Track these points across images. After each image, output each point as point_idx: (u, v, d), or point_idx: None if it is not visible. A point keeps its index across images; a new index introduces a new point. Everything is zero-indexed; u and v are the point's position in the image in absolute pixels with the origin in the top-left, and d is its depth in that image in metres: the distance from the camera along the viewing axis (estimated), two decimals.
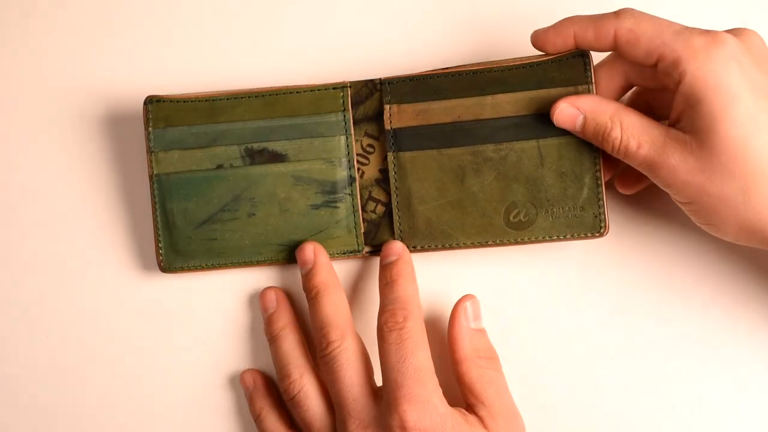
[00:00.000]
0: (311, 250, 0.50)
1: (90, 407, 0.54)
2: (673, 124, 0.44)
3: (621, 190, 0.50)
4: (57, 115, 0.54)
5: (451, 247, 0.50)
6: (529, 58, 0.48)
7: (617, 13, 0.45)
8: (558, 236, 0.48)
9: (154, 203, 0.51)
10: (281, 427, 0.51)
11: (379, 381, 0.48)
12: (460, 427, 0.46)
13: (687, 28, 0.43)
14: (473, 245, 0.49)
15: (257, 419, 0.52)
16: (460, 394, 0.48)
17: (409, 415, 0.44)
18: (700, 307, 0.50)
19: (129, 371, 0.53)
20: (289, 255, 0.51)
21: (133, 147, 0.54)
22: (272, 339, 0.51)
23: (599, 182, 0.48)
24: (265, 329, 0.52)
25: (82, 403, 0.54)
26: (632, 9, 0.45)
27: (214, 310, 0.53)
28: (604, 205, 0.48)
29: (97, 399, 0.54)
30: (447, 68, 0.49)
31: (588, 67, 0.47)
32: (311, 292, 0.49)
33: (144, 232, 0.54)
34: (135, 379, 0.53)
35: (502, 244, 0.49)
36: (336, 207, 0.50)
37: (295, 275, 0.53)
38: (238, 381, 0.53)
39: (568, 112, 0.46)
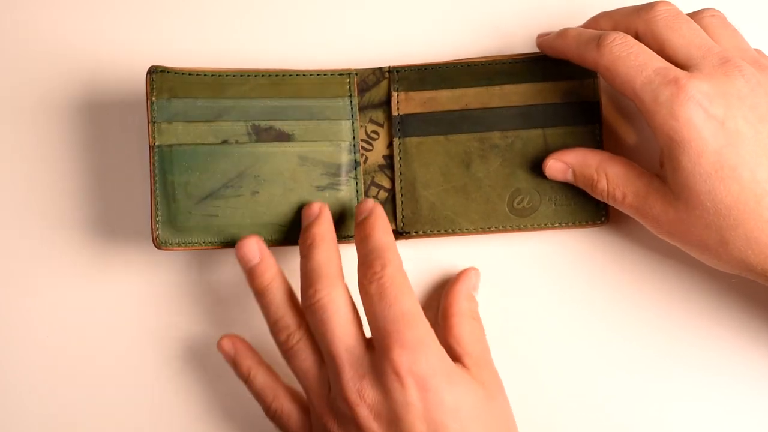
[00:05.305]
0: (318, 206, 0.49)
1: (71, 380, 0.52)
2: (662, 165, 0.46)
3: None
4: (39, 95, 0.53)
5: (453, 233, 0.50)
6: (536, 53, 0.50)
7: (599, 44, 0.45)
8: (560, 223, 0.50)
9: (153, 175, 0.49)
10: (274, 381, 0.49)
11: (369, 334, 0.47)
12: (454, 371, 0.45)
13: (659, 72, 0.43)
14: (476, 231, 0.50)
15: (247, 380, 0.50)
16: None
17: (402, 359, 0.43)
18: (699, 297, 0.51)
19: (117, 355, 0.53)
20: (288, 236, 0.50)
21: (121, 126, 0.53)
22: (262, 291, 0.48)
23: None
24: (250, 283, 0.48)
25: (71, 382, 0.52)
26: (615, 39, 0.45)
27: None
28: None
29: (81, 372, 0.52)
30: (456, 60, 0.51)
31: None
32: (306, 242, 0.48)
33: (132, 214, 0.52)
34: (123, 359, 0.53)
35: (505, 230, 0.50)
36: (339, 190, 0.50)
37: (295, 260, 0.51)
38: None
39: (556, 167, 0.49)
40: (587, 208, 0.50)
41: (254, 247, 0.48)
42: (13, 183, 0.53)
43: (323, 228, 0.48)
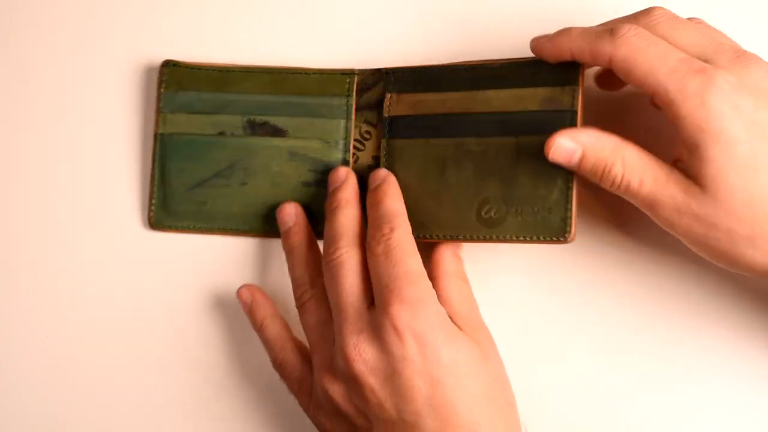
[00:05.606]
0: (344, 172, 0.51)
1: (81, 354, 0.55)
2: (677, 161, 0.43)
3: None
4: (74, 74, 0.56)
5: (424, 239, 0.49)
6: (526, 58, 0.48)
7: (613, 36, 0.43)
8: (525, 237, 0.47)
9: (154, 161, 0.53)
10: (285, 334, 0.51)
11: None
12: (452, 330, 0.45)
13: (684, 62, 0.42)
14: (445, 238, 0.49)
15: (260, 329, 0.52)
16: None
17: (402, 314, 0.44)
18: (699, 297, 0.49)
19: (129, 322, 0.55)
20: (274, 228, 0.52)
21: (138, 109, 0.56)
22: (291, 251, 0.51)
23: (570, 185, 0.46)
24: (282, 242, 0.51)
25: (75, 354, 0.55)
26: (630, 30, 0.43)
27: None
28: (572, 209, 0.46)
29: (91, 341, 0.55)
30: (447, 63, 0.50)
31: (579, 70, 0.46)
32: (332, 205, 0.50)
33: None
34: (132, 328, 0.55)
35: (472, 240, 0.48)
36: (325, 188, 0.51)
37: (279, 250, 0.53)
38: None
39: (566, 146, 0.44)
40: (551, 224, 0.46)
41: (291, 211, 0.51)
42: (12, 183, 0.56)
43: (349, 192, 0.50)
